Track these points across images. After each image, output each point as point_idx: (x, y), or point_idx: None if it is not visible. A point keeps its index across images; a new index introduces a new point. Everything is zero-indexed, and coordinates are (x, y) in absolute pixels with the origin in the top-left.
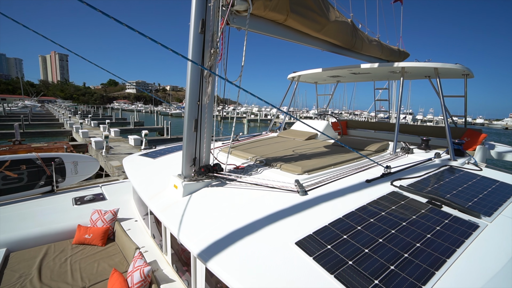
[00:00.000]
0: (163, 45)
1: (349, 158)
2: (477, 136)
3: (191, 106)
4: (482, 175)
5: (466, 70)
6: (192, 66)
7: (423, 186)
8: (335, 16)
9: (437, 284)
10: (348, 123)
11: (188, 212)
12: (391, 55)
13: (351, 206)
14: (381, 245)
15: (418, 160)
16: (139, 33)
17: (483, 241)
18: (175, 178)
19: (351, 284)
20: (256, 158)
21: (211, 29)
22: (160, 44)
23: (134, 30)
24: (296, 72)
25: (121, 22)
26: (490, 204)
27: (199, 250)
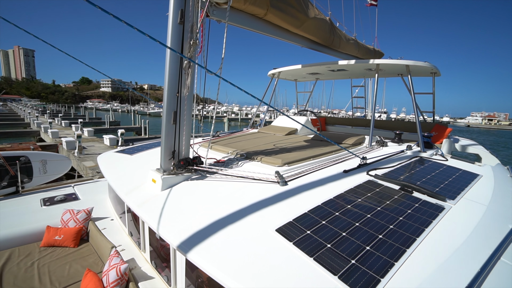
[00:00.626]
0: (139, 30)
1: (328, 151)
2: (443, 130)
3: (169, 98)
4: (448, 165)
5: (434, 68)
6: (170, 57)
7: (396, 175)
8: (314, 13)
9: (407, 260)
10: (327, 120)
11: (168, 205)
12: (367, 53)
13: (330, 194)
14: (357, 229)
15: (392, 152)
16: (113, 16)
17: (448, 220)
18: (154, 172)
19: (329, 265)
20: (237, 152)
21: (191, 20)
22: (135, 28)
23: (105, 11)
24: (276, 69)
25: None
26: (454, 189)
27: (179, 242)
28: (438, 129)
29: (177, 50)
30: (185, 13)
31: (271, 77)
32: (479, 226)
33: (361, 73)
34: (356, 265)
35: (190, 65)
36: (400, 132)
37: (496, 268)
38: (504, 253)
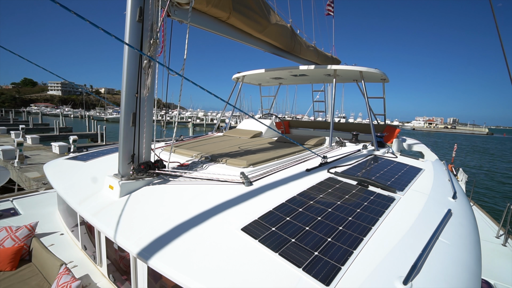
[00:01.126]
0: (91, 23)
1: (291, 152)
2: (393, 131)
3: (128, 99)
4: (397, 161)
5: (383, 75)
6: (129, 55)
7: (354, 171)
8: (276, 19)
9: (365, 247)
10: (290, 123)
11: (126, 212)
12: (325, 60)
13: (293, 192)
14: (319, 222)
15: (350, 151)
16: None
17: (398, 209)
18: (111, 178)
19: (294, 258)
20: (201, 155)
21: (150, 19)
22: (88, 21)
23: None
24: (240, 73)
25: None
26: (403, 182)
27: (139, 249)
28: (388, 130)
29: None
30: (144, 11)
31: (235, 81)
32: (422, 212)
33: (320, 78)
34: (319, 256)
35: (150, 64)
36: (357, 133)
37: (436, 246)
38: (442, 233)
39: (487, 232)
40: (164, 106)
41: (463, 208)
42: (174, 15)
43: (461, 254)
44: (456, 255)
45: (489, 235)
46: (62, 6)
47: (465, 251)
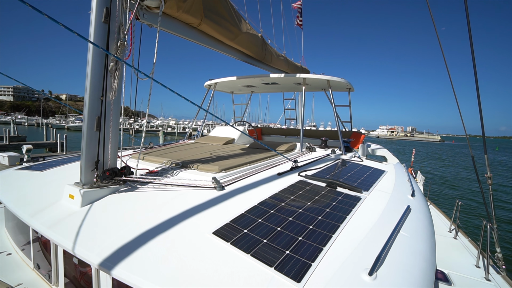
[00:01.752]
0: (50, 17)
1: (263, 157)
2: (359, 137)
3: (92, 102)
4: (363, 164)
5: (349, 84)
6: (93, 55)
7: (323, 174)
8: (247, 28)
9: (334, 243)
10: (263, 130)
11: (88, 222)
12: (295, 70)
13: (265, 194)
14: (290, 223)
15: (319, 155)
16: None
17: (364, 207)
18: (71, 187)
19: (265, 258)
20: (172, 162)
21: (117, 20)
22: (46, 16)
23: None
24: (212, 80)
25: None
26: (368, 183)
27: (101, 259)
28: (355, 136)
29: (101, 50)
30: (110, 12)
31: (207, 88)
32: (385, 209)
33: (291, 87)
34: (290, 255)
35: (117, 67)
36: (326, 139)
37: (397, 239)
38: (402, 227)
39: (441, 227)
40: (133, 113)
41: (420, 205)
42: (143, 19)
43: (418, 245)
44: (414, 246)
45: (443, 230)
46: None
47: (422, 242)
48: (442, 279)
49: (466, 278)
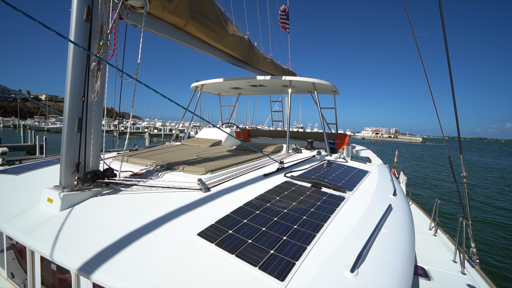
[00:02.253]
0: (26, 15)
1: (250, 158)
2: (344, 139)
3: (72, 102)
4: (348, 165)
5: (334, 87)
6: (74, 54)
7: (309, 175)
8: (233, 30)
9: (317, 242)
10: (250, 132)
11: (68, 226)
12: (282, 72)
13: (251, 195)
14: (275, 223)
15: (305, 157)
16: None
17: (347, 207)
18: (50, 190)
19: (250, 258)
20: (157, 164)
21: (100, 19)
22: (21, 12)
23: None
24: (199, 82)
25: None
26: (352, 183)
27: (80, 264)
28: (340, 137)
29: (83, 50)
30: (92, 11)
31: (194, 90)
32: (368, 208)
33: (278, 89)
34: (275, 254)
35: (99, 67)
36: (312, 140)
37: (378, 236)
38: (384, 225)
39: (421, 225)
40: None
41: (401, 204)
42: (128, 18)
43: (398, 241)
44: (394, 243)
45: (423, 228)
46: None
47: (402, 239)
48: (422, 275)
49: (444, 272)
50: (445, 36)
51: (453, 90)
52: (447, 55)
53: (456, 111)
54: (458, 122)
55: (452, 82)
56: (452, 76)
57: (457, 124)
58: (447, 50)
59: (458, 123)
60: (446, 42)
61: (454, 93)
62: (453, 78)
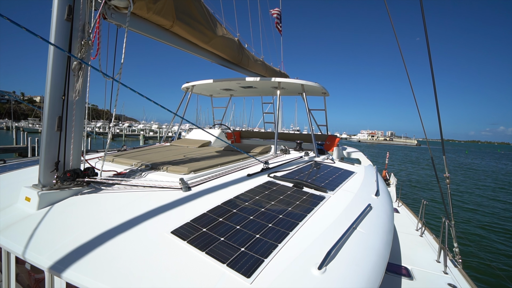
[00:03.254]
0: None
1: (236, 159)
2: (334, 140)
3: (52, 101)
4: (334, 166)
5: (323, 89)
6: (54, 53)
7: (293, 175)
8: (223, 32)
9: (290, 240)
10: (242, 133)
11: (44, 225)
12: (273, 74)
13: (231, 195)
14: (251, 221)
15: (292, 157)
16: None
17: (326, 206)
18: (28, 189)
19: (219, 255)
20: (141, 163)
21: (82, 19)
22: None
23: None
24: (189, 83)
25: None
26: (335, 183)
27: (52, 262)
28: (330, 139)
29: (64, 49)
30: (74, 10)
31: (185, 91)
32: (347, 208)
33: (269, 91)
34: (245, 252)
35: (81, 66)
36: (300, 142)
37: (352, 235)
38: (360, 224)
39: (409, 226)
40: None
41: (382, 203)
42: (111, 18)
43: (373, 240)
44: (368, 241)
45: (411, 229)
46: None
47: (377, 238)
48: (405, 275)
49: (427, 272)
50: (428, 43)
51: (436, 96)
52: (430, 63)
53: (439, 115)
54: (441, 126)
55: (435, 88)
56: (435, 82)
57: (440, 128)
58: (430, 56)
59: (441, 127)
60: (429, 49)
61: (437, 98)
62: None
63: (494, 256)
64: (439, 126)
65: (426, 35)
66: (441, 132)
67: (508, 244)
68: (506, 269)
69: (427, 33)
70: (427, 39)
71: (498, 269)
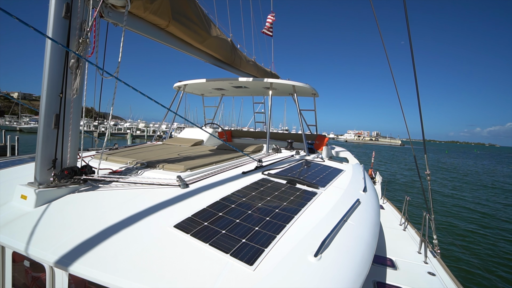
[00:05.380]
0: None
1: (230, 157)
2: (323, 139)
3: (49, 99)
4: (324, 164)
5: (313, 90)
6: (51, 50)
7: (286, 173)
8: (217, 33)
9: (287, 232)
10: (233, 133)
11: (44, 222)
12: (265, 75)
13: (228, 191)
14: (249, 215)
15: (284, 156)
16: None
17: (318, 201)
18: (23, 187)
19: (222, 246)
20: (137, 162)
21: (79, 17)
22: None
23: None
24: (181, 82)
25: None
26: (326, 180)
27: (57, 257)
28: (319, 138)
29: (61, 47)
30: (72, 8)
31: (177, 90)
32: (337, 203)
33: (260, 91)
34: (246, 243)
35: (78, 64)
36: (291, 141)
37: (344, 227)
38: (350, 217)
39: (393, 221)
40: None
41: (369, 199)
42: (108, 17)
43: (362, 231)
44: (358, 232)
45: (395, 224)
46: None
47: (365, 229)
48: (390, 265)
49: (409, 263)
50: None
51: (419, 99)
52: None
53: (421, 117)
54: (423, 127)
55: (418, 90)
56: (418, 85)
57: (422, 129)
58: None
59: (423, 128)
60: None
61: (419, 100)
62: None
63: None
64: (421, 128)
65: (410, 43)
66: (423, 133)
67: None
68: (480, 255)
69: (411, 39)
70: (411, 46)
71: (473, 255)
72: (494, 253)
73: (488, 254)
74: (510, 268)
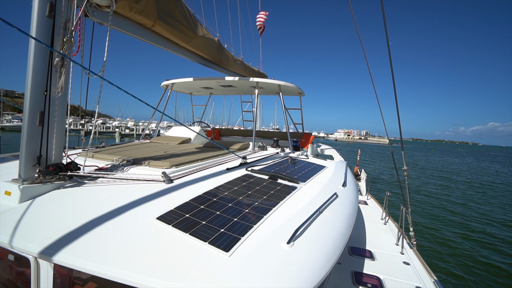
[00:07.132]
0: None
1: (216, 155)
2: (309, 137)
3: (34, 96)
4: (308, 161)
5: (299, 89)
6: (35, 49)
7: (269, 169)
8: (203, 32)
9: (263, 223)
10: (221, 131)
11: (28, 217)
12: (252, 74)
13: (211, 186)
14: (230, 208)
15: (269, 153)
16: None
17: (297, 195)
18: (7, 183)
19: (201, 235)
20: (123, 159)
21: (64, 16)
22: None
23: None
24: (169, 80)
25: None
26: (307, 176)
27: (41, 248)
28: (305, 136)
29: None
30: (56, 7)
31: (164, 88)
32: (315, 196)
33: (247, 90)
34: (224, 232)
35: (63, 63)
36: (277, 139)
37: (319, 218)
38: (326, 209)
39: (375, 216)
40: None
41: (348, 193)
42: (93, 16)
43: (336, 222)
44: (332, 223)
45: (377, 218)
46: None
47: (340, 220)
48: (368, 257)
49: (386, 254)
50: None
51: (396, 98)
52: (391, 66)
53: (399, 115)
54: (400, 125)
55: (395, 89)
56: (395, 84)
57: (399, 126)
58: (391, 61)
59: (400, 126)
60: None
61: (397, 99)
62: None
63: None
64: (399, 127)
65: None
66: (400, 131)
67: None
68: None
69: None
70: (389, 46)
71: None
72: (468, 241)
73: (462, 243)
74: (483, 249)
